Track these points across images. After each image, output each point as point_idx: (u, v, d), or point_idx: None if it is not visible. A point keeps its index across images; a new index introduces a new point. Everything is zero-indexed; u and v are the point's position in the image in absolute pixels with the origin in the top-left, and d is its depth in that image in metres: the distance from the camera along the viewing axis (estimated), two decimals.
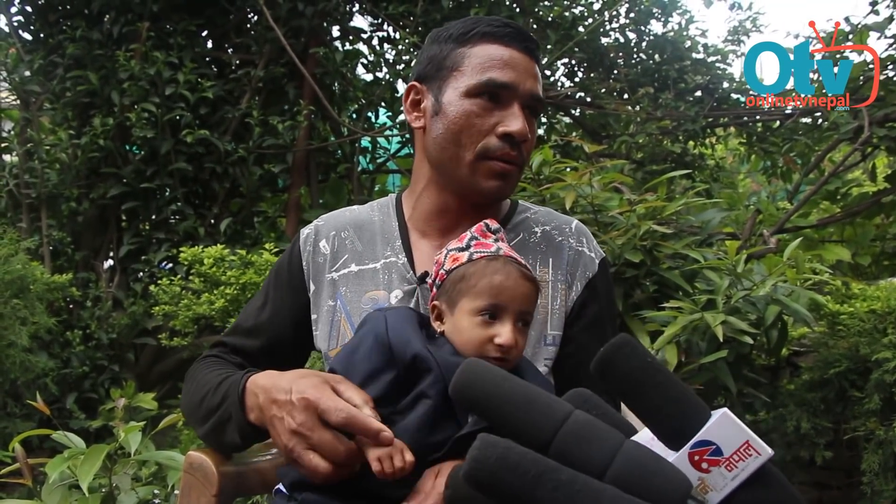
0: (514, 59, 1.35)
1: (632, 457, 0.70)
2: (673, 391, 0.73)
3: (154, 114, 4.32)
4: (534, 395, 0.74)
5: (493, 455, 0.66)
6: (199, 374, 1.40)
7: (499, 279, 1.17)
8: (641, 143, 4.75)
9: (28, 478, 2.22)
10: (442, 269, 1.23)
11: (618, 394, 0.76)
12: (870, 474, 2.71)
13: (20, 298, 3.63)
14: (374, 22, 5.15)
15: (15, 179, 4.46)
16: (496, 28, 1.37)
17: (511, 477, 0.65)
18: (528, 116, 1.37)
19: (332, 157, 4.96)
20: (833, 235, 4.68)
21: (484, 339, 1.15)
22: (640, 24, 5.77)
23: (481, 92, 1.34)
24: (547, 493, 0.65)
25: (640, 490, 0.67)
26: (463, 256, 1.21)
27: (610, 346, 0.74)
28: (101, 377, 4.26)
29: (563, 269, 1.40)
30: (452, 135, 1.35)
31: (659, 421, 0.74)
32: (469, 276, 1.19)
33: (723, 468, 0.71)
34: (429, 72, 1.42)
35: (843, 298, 3.08)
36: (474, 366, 0.77)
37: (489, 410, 0.75)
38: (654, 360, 0.73)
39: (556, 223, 1.47)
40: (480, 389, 0.75)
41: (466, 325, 1.17)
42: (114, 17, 4.52)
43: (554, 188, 2.75)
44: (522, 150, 1.36)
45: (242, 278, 3.27)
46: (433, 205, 1.44)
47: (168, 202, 4.56)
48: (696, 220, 3.13)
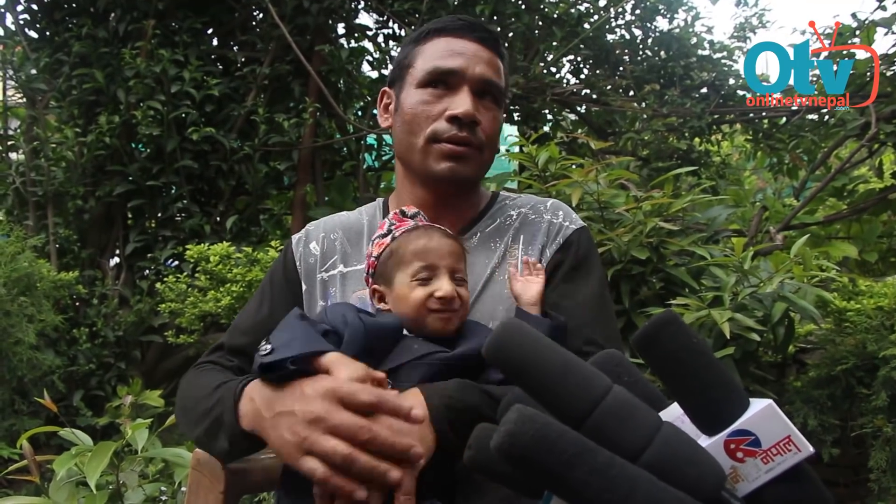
0: (464, 47, 1.39)
1: (669, 443, 0.68)
2: (716, 375, 0.71)
3: (160, 111, 4.33)
4: (572, 363, 0.71)
5: (529, 430, 0.62)
6: (194, 379, 1.38)
7: (423, 242, 1.26)
8: (647, 139, 4.74)
9: (35, 475, 2.23)
10: (371, 257, 1.32)
11: (657, 372, 0.73)
12: (877, 471, 2.70)
13: (27, 296, 3.64)
14: (379, 19, 5.15)
15: (21, 177, 4.47)
16: (447, 23, 1.42)
17: (547, 456, 0.63)
18: (483, 101, 1.39)
19: (338, 154, 4.97)
20: (840, 232, 4.67)
21: (424, 297, 1.23)
22: (645, 20, 5.75)
23: (429, 81, 1.39)
24: (582, 475, 0.62)
25: (674, 476, 0.65)
26: (386, 240, 1.31)
27: (655, 323, 0.70)
28: (108, 374, 4.27)
29: (535, 244, 1.42)
30: (407, 125, 1.40)
31: (698, 404, 0.72)
32: (395, 250, 1.28)
33: (758, 460, 0.69)
34: (394, 75, 1.49)
35: (849, 295, 3.07)
36: (509, 327, 0.73)
37: (523, 374, 0.71)
38: (699, 340, 0.70)
39: (533, 204, 1.50)
40: (515, 352, 0.72)
41: (406, 291, 1.25)
42: (119, 15, 4.52)
43: (560, 185, 2.74)
44: (477, 133, 1.38)
45: (248, 275, 3.27)
46: (409, 199, 1.47)
47: (174, 200, 4.57)
48: (702, 217, 3.13)
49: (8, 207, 4.58)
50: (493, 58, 1.42)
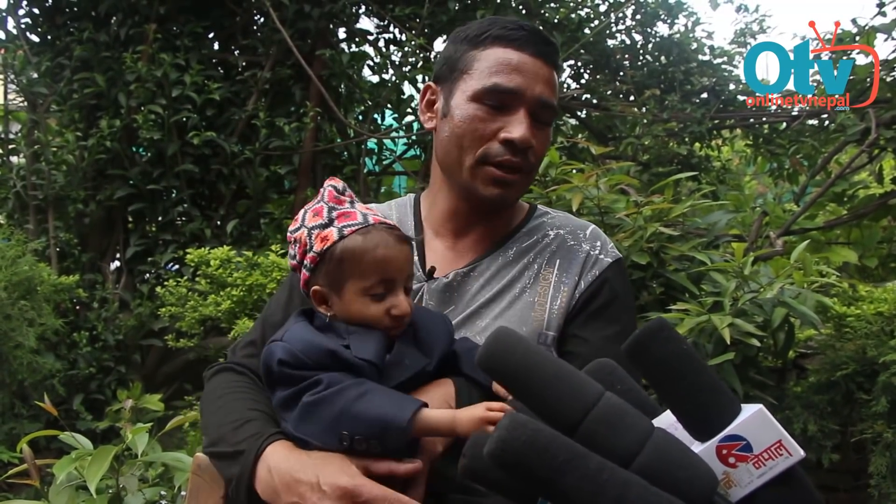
0: (524, 63, 1.33)
1: (661, 448, 0.68)
2: (706, 381, 0.71)
3: (161, 115, 4.33)
4: (564, 371, 0.71)
5: (521, 436, 0.63)
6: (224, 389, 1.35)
7: (382, 253, 1.16)
8: (648, 144, 4.74)
9: (35, 478, 2.23)
10: (311, 251, 1.19)
11: (649, 379, 0.74)
12: (877, 477, 2.70)
13: (27, 300, 3.64)
14: (380, 24, 5.15)
15: (22, 181, 4.47)
16: (509, 31, 1.35)
17: (538, 461, 0.63)
18: (536, 123, 1.35)
19: (339, 158, 4.97)
20: (840, 237, 4.66)
21: (381, 313, 1.16)
22: (646, 25, 5.76)
23: (486, 97, 1.33)
24: (573, 481, 0.63)
25: (667, 482, 0.66)
26: (332, 234, 1.18)
27: (646, 330, 0.71)
28: (108, 378, 4.27)
29: (570, 273, 1.38)
30: (456, 138, 1.35)
31: (689, 411, 0.72)
32: (348, 255, 1.16)
33: (750, 465, 0.69)
34: (443, 73, 1.42)
35: (850, 301, 3.07)
36: (503, 336, 0.74)
37: (516, 383, 0.72)
38: (689, 347, 0.71)
39: (572, 227, 1.46)
40: (509, 361, 0.72)
41: (358, 306, 1.17)
42: (121, 19, 4.53)
43: (560, 190, 2.75)
44: (528, 157, 1.34)
45: (249, 280, 3.27)
46: (445, 207, 1.45)
47: (174, 204, 4.57)
48: (702, 222, 3.13)
49: (9, 211, 4.58)
50: (551, 74, 1.37)
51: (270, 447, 1.14)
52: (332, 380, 1.10)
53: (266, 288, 3.23)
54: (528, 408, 0.72)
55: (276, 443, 1.15)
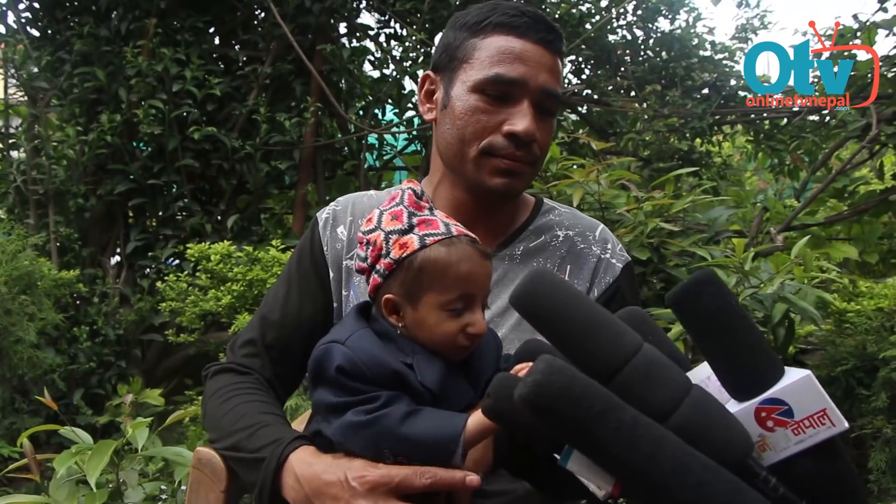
0: (527, 51, 1.28)
1: (698, 406, 0.66)
2: (752, 340, 0.68)
3: (161, 110, 4.33)
4: (603, 319, 0.69)
5: (557, 382, 0.60)
6: (225, 390, 1.33)
7: (466, 268, 1.07)
8: (648, 140, 4.73)
9: (36, 473, 2.23)
10: (387, 257, 1.10)
11: (692, 331, 0.71)
12: (877, 472, 2.70)
13: (28, 294, 3.64)
14: (381, 19, 5.15)
15: (22, 176, 4.47)
16: (511, 17, 1.29)
17: (573, 409, 0.60)
18: (540, 113, 1.30)
19: (339, 153, 4.96)
20: (840, 233, 4.66)
21: (456, 331, 1.07)
22: (647, 21, 5.75)
23: (488, 87, 1.28)
24: (607, 433, 0.61)
25: (701, 442, 0.64)
26: (413, 241, 1.09)
27: (694, 281, 0.68)
28: (108, 373, 4.27)
29: (582, 279, 1.37)
30: (458, 131, 1.31)
31: (730, 368, 0.69)
32: (429, 266, 1.07)
33: (789, 430, 0.67)
34: (442, 61, 1.37)
35: (850, 296, 3.07)
36: (541, 278, 0.70)
37: (552, 327, 0.69)
38: (737, 302, 0.68)
39: (581, 228, 1.43)
40: (546, 305, 0.69)
41: (435, 320, 1.08)
42: (121, 13, 4.52)
43: (561, 185, 2.75)
44: (533, 148, 1.30)
45: (249, 275, 3.28)
46: (448, 200, 1.40)
47: (175, 199, 4.57)
48: (703, 218, 3.13)
49: (9, 206, 4.58)
50: (555, 62, 1.32)
51: (293, 455, 1.13)
52: (389, 399, 1.05)
53: (266, 283, 3.24)
54: (562, 352, 0.69)
55: (297, 450, 1.13)
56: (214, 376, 1.40)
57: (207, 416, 1.35)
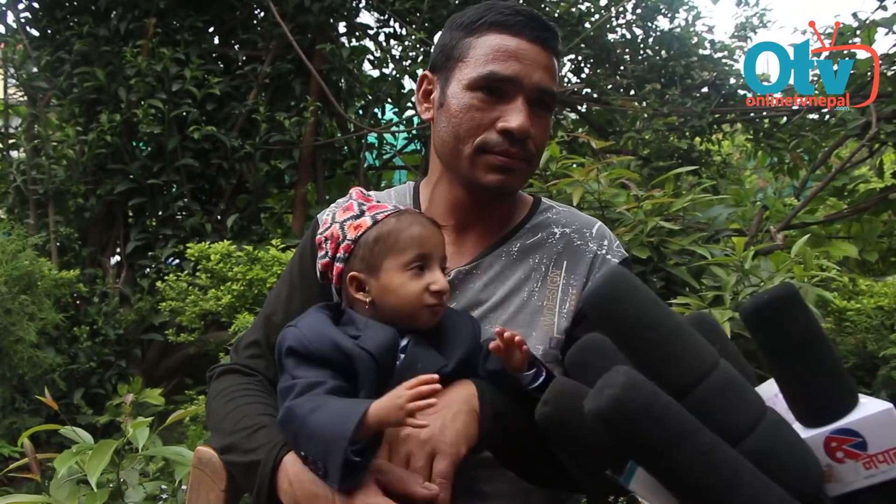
0: (521, 49, 1.29)
1: (773, 432, 0.62)
2: (830, 365, 0.64)
3: (161, 110, 4.33)
4: (683, 330, 0.65)
5: (637, 398, 0.57)
6: (230, 392, 1.35)
7: (417, 230, 1.19)
8: (648, 139, 4.73)
9: (36, 473, 2.23)
10: (344, 240, 1.21)
11: (767, 349, 0.66)
12: None
13: (28, 294, 3.64)
14: (380, 18, 5.14)
15: (22, 176, 4.47)
16: (506, 16, 1.31)
17: (651, 429, 0.57)
18: (535, 110, 1.31)
19: (339, 153, 4.96)
20: (840, 232, 4.66)
21: (420, 289, 1.17)
22: (646, 20, 5.75)
23: (482, 85, 1.29)
24: (684, 457, 0.57)
25: (774, 469, 0.60)
26: (365, 221, 1.21)
27: (776, 297, 0.64)
28: (109, 373, 4.27)
29: (578, 275, 1.37)
30: (453, 128, 1.32)
31: (804, 391, 0.65)
32: (385, 235, 1.19)
33: (860, 464, 0.62)
34: (439, 61, 1.39)
35: (850, 295, 3.07)
36: (621, 278, 0.66)
37: (630, 333, 0.65)
38: (818, 323, 0.64)
39: (578, 226, 1.43)
40: (626, 308, 0.65)
41: (398, 281, 1.17)
42: (121, 13, 4.52)
43: (561, 184, 2.75)
44: (528, 146, 1.31)
45: (249, 274, 3.27)
46: (446, 199, 1.42)
47: (175, 198, 4.57)
48: (702, 217, 3.13)
49: (9, 206, 4.58)
50: (550, 60, 1.33)
51: (288, 457, 1.15)
52: (304, 387, 1.09)
53: (266, 283, 3.23)
54: (632, 361, 0.65)
55: (291, 451, 1.15)
56: (219, 377, 1.42)
57: (211, 417, 1.37)
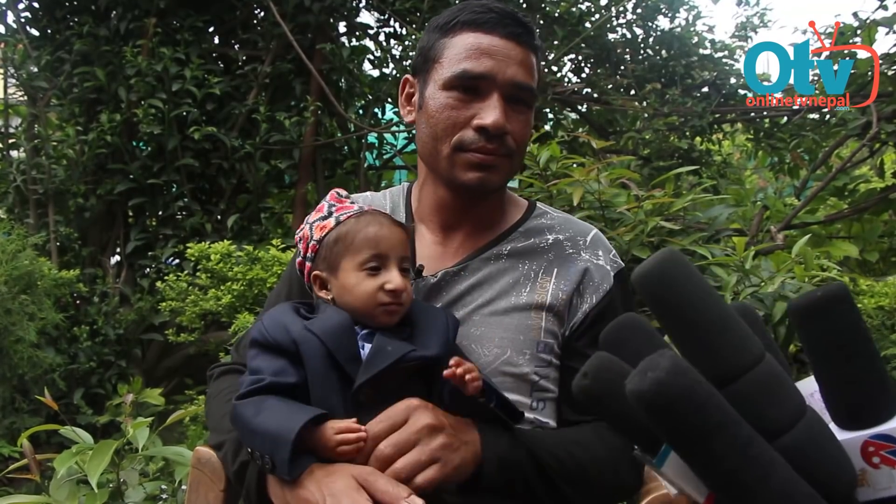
0: (494, 46, 1.30)
1: (812, 432, 0.62)
2: (875, 369, 0.63)
3: (161, 110, 4.32)
4: (731, 321, 0.64)
5: (680, 384, 0.56)
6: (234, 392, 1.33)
7: (373, 230, 1.21)
8: (648, 139, 4.73)
9: (36, 473, 2.23)
10: (311, 241, 1.26)
11: (809, 346, 0.66)
12: None
13: (28, 294, 3.64)
14: (380, 18, 5.14)
15: (22, 175, 4.47)
16: (478, 14, 1.31)
17: (692, 416, 0.57)
18: (512, 106, 1.31)
19: (339, 153, 4.96)
20: (841, 232, 4.66)
21: (374, 288, 1.18)
22: (647, 19, 5.75)
23: (457, 84, 1.30)
24: (722, 447, 0.57)
25: (808, 469, 0.60)
26: (329, 222, 1.25)
27: (827, 295, 0.63)
28: (109, 373, 4.26)
29: (569, 281, 1.36)
30: (431, 129, 1.33)
31: (846, 393, 0.64)
32: (343, 236, 1.22)
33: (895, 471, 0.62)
34: (418, 64, 1.40)
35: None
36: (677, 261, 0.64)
37: (678, 316, 0.64)
38: (866, 326, 0.63)
39: (571, 234, 1.42)
40: (677, 291, 0.64)
41: (353, 280, 1.20)
42: (121, 13, 4.52)
43: (561, 184, 2.74)
44: (507, 142, 1.31)
45: (249, 274, 3.27)
46: (431, 199, 1.42)
47: (175, 198, 4.56)
48: (703, 217, 3.13)
49: (9, 205, 4.58)
50: (526, 55, 1.33)
51: None
52: (252, 385, 1.13)
53: (266, 282, 3.23)
54: (677, 345, 0.65)
55: None
56: (219, 377, 1.44)
57: (210, 416, 1.38)
